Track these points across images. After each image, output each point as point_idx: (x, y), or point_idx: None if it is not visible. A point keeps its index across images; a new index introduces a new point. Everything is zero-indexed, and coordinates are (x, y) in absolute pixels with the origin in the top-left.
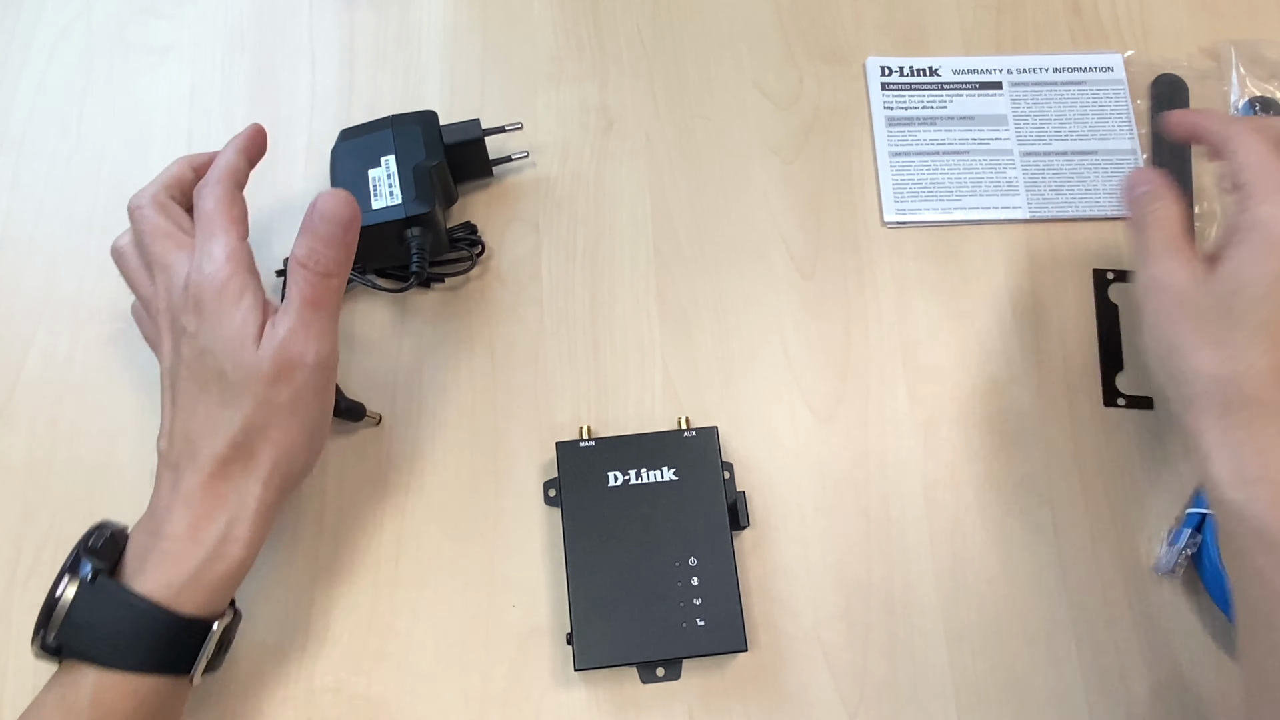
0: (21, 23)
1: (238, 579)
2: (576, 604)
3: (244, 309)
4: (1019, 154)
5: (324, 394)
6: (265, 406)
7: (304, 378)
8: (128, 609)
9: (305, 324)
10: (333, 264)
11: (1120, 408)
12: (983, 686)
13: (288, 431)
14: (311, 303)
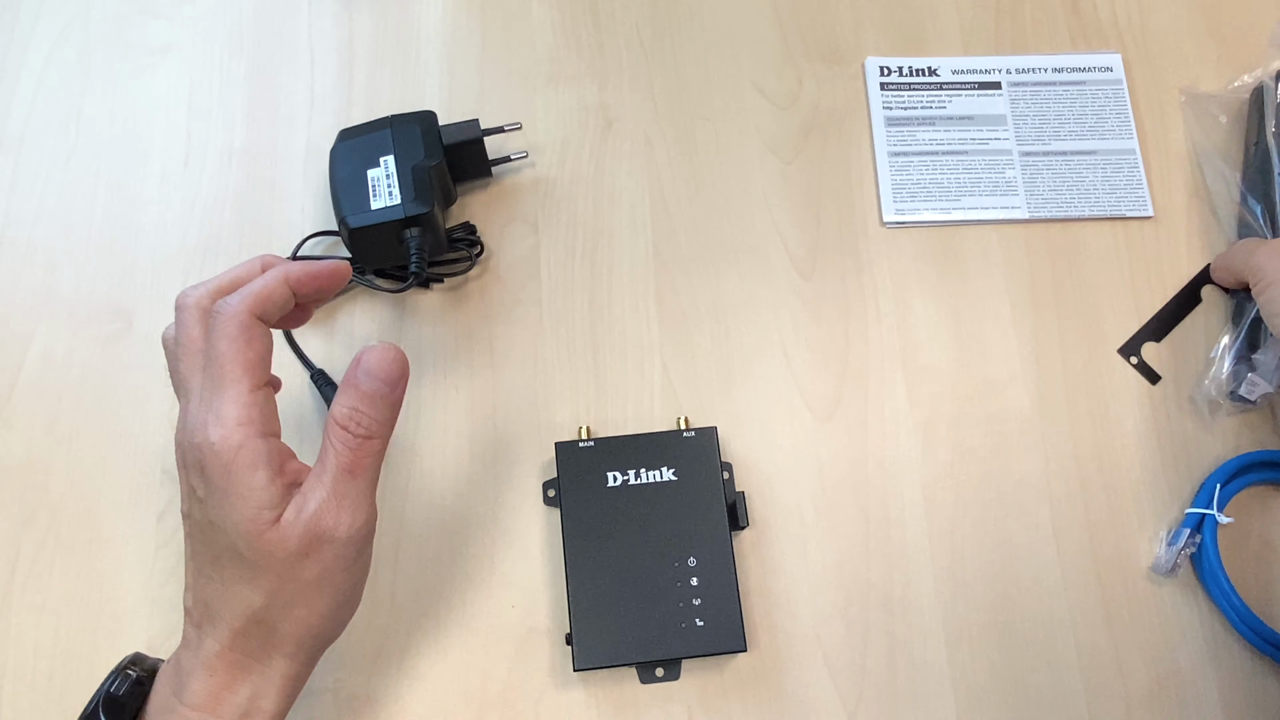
0: (20, 23)
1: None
2: (576, 604)
3: (258, 487)
4: (1018, 154)
5: (356, 565)
6: (290, 585)
7: (334, 553)
8: None
9: (340, 495)
10: (375, 425)
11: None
12: (982, 686)
13: (314, 609)
14: (349, 470)
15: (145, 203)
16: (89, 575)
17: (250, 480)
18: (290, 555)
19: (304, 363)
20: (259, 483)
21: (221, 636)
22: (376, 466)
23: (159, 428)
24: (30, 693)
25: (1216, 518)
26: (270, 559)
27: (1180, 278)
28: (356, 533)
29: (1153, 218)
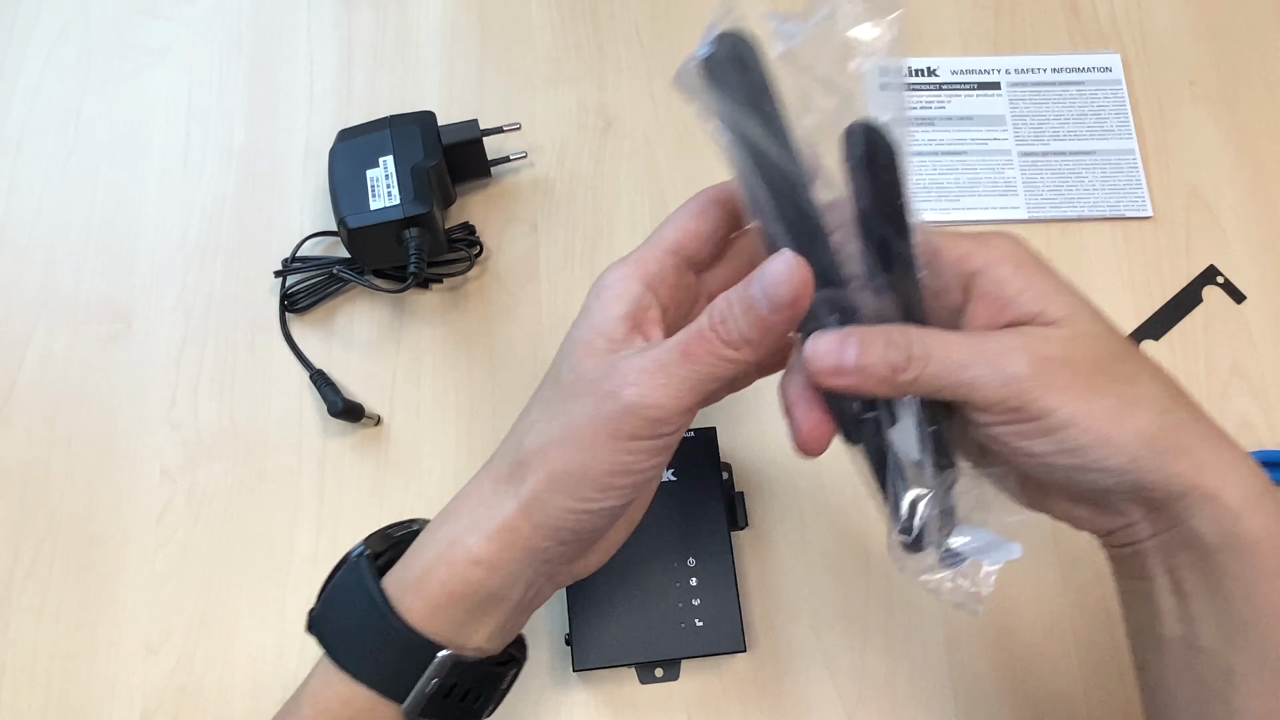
0: (19, 23)
1: (471, 600)
2: (575, 605)
3: (611, 316)
4: (1017, 154)
5: (625, 452)
6: (563, 415)
7: (610, 412)
8: (363, 594)
9: (658, 365)
10: (738, 339)
11: None
12: (982, 687)
13: (568, 460)
14: (684, 352)
15: (145, 203)
16: (89, 575)
17: (607, 309)
18: (581, 385)
19: (303, 363)
20: (613, 312)
21: (488, 465)
22: (712, 374)
23: (159, 428)
24: (30, 693)
25: None
26: (571, 387)
27: (1180, 278)
28: (642, 409)
29: (1152, 218)
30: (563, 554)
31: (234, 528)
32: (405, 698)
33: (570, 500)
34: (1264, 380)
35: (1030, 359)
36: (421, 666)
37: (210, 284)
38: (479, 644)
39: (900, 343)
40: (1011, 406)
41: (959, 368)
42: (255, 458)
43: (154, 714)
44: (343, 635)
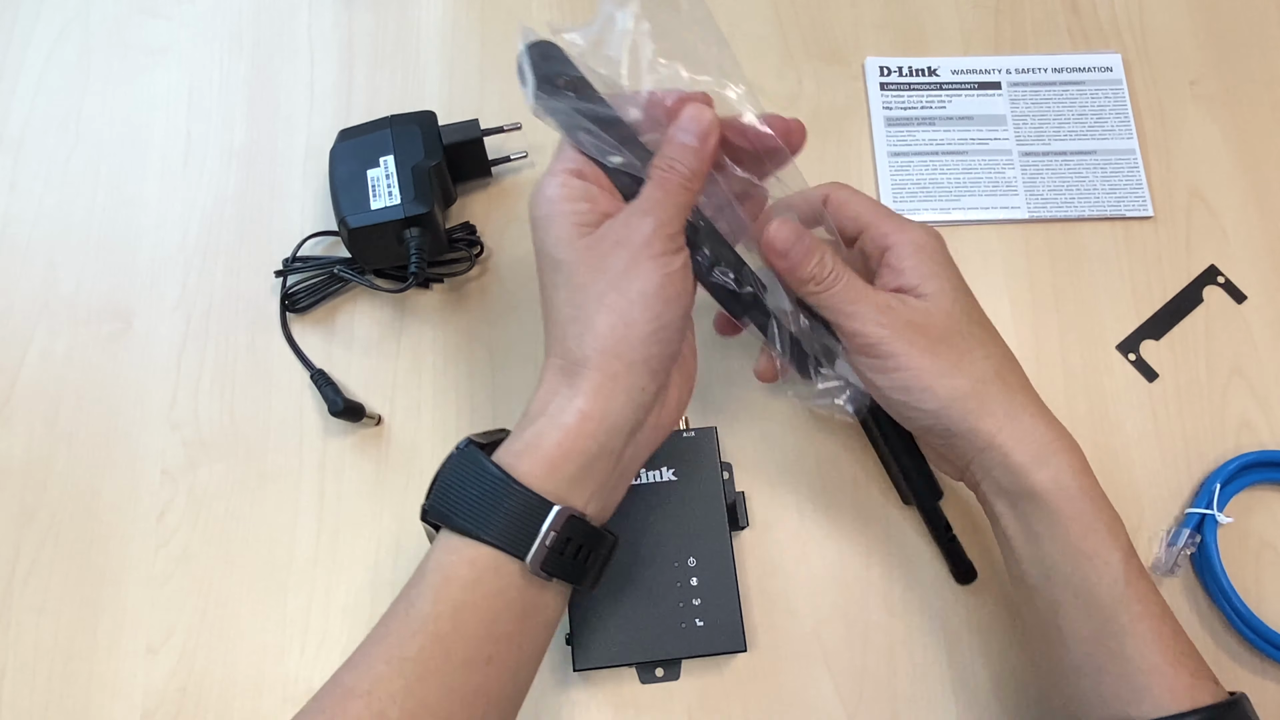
0: (20, 23)
1: (583, 455)
2: (575, 604)
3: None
4: (1018, 154)
5: (664, 269)
6: (601, 276)
7: (639, 243)
8: (478, 471)
9: (649, 202)
10: (687, 171)
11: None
12: (982, 686)
13: (623, 296)
14: (660, 186)
15: (145, 202)
16: (89, 575)
17: (570, 206)
18: (603, 246)
19: (304, 363)
20: (578, 208)
21: (553, 350)
22: (684, 200)
23: (159, 427)
24: (30, 693)
25: (1216, 518)
26: (586, 254)
27: (1180, 277)
28: (659, 230)
29: (1152, 217)
30: (655, 389)
31: (234, 527)
32: (526, 553)
33: (646, 322)
34: (1264, 380)
35: (892, 316)
36: (539, 522)
37: (211, 284)
38: (584, 505)
39: (828, 262)
40: (868, 343)
41: (850, 301)
42: (255, 458)
43: (154, 714)
44: (463, 507)
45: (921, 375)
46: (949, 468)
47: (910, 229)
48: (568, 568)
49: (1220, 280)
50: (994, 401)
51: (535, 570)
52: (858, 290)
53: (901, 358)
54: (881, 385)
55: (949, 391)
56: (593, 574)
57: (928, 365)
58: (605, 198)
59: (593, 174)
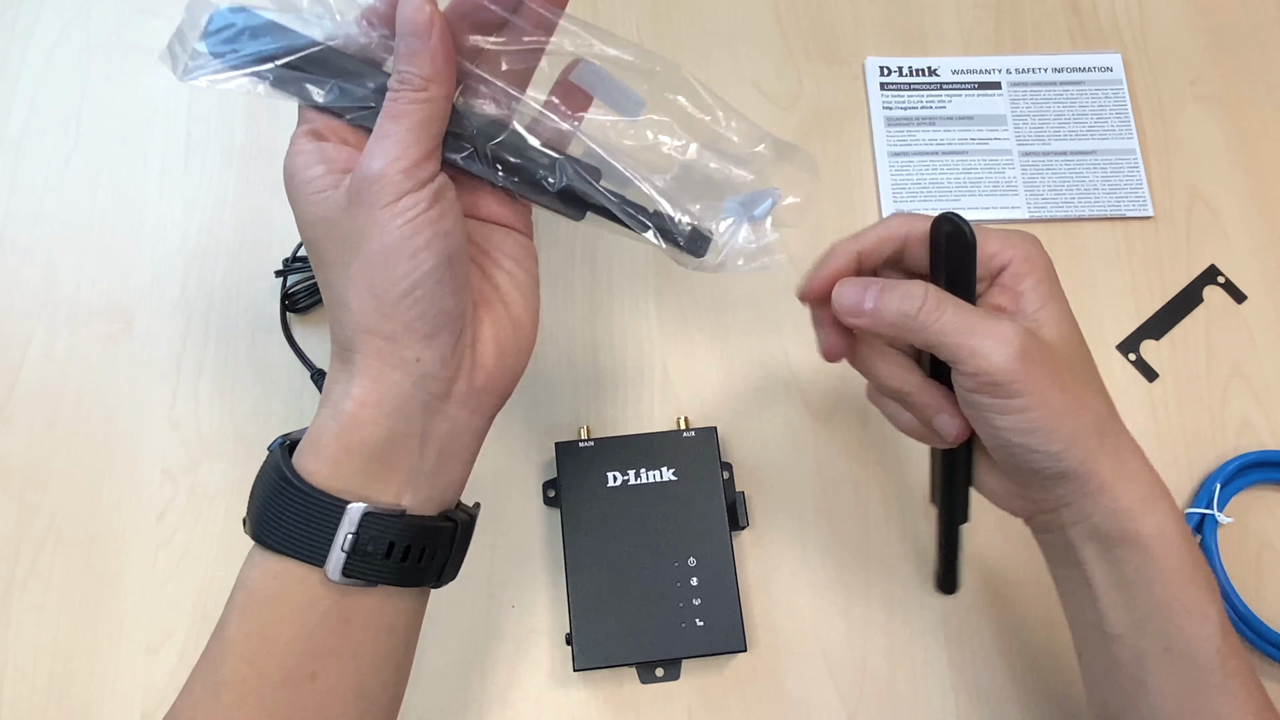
0: (20, 23)
1: (367, 445)
2: (575, 604)
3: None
4: (1018, 154)
5: (404, 212)
6: (342, 244)
7: (371, 193)
8: (273, 473)
9: (379, 137)
10: (417, 79)
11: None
12: (982, 686)
13: (364, 261)
14: (390, 116)
15: (145, 203)
16: (89, 575)
17: (305, 175)
18: (337, 211)
19: (304, 363)
20: (313, 175)
21: (332, 337)
22: (425, 115)
23: (159, 427)
24: (30, 693)
25: (1216, 518)
26: (326, 225)
27: (1180, 278)
28: (391, 168)
29: (1153, 218)
30: (435, 357)
31: (234, 528)
32: (324, 561)
33: (392, 284)
34: (1264, 380)
35: (1019, 346)
36: (331, 525)
37: (211, 284)
38: (394, 497)
39: (916, 295)
40: (995, 380)
41: (962, 332)
42: (256, 457)
43: (154, 714)
44: (261, 514)
45: (1050, 414)
46: (1022, 505)
47: (1019, 242)
48: (390, 570)
49: (1220, 280)
50: (1110, 442)
51: (338, 579)
52: (971, 319)
53: (1034, 396)
54: (1003, 426)
55: (1073, 431)
56: (433, 569)
57: (1057, 403)
58: (346, 154)
59: (331, 129)
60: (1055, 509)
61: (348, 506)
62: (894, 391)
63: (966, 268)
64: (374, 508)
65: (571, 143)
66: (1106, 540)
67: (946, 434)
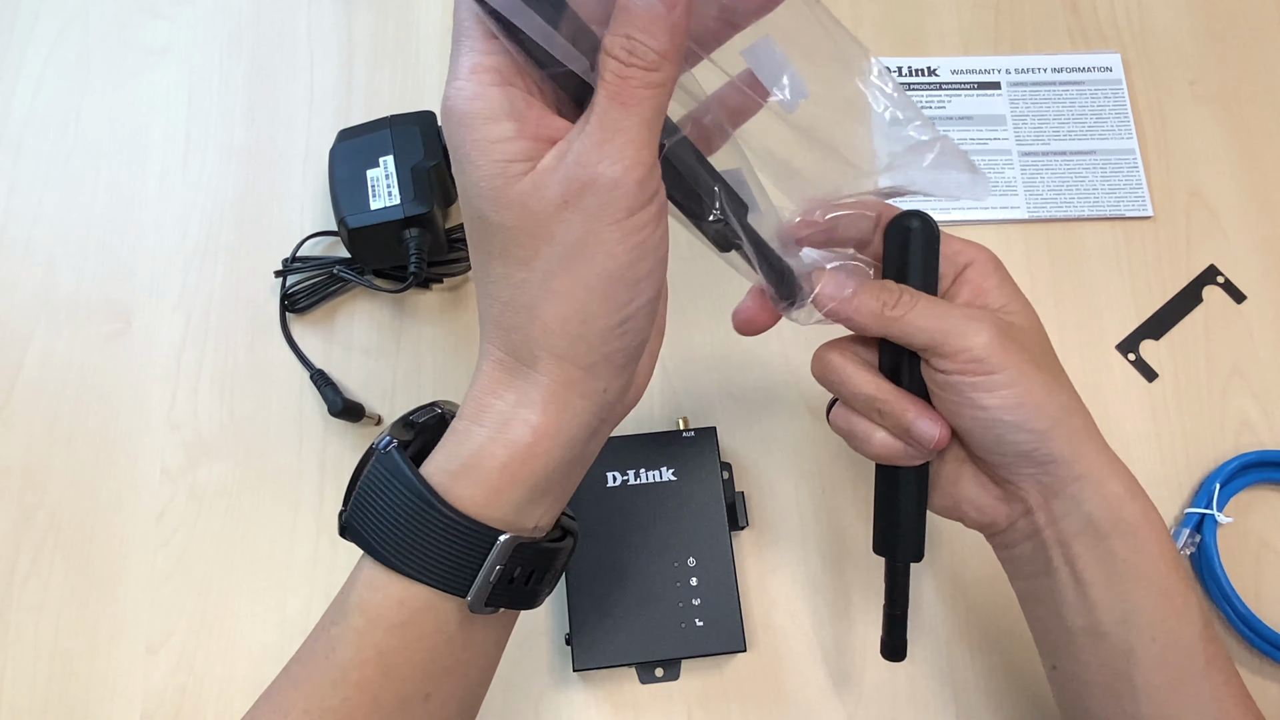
0: (19, 23)
1: (534, 476)
2: (575, 604)
3: (501, 139)
4: (1017, 154)
5: (635, 230)
6: (548, 247)
7: (600, 203)
8: (404, 488)
9: (607, 131)
10: (652, 56)
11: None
12: (982, 687)
13: (580, 280)
14: (620, 101)
15: (145, 203)
16: (89, 575)
17: (490, 132)
18: (548, 207)
19: (304, 363)
20: (501, 134)
21: (489, 335)
22: (657, 106)
23: (159, 427)
24: (30, 693)
25: (1216, 518)
26: (524, 216)
27: (1180, 278)
28: (627, 177)
29: (1152, 217)
30: (620, 386)
31: (234, 528)
32: (467, 590)
33: (607, 323)
34: (1264, 380)
35: (996, 328)
36: (482, 556)
37: (210, 284)
38: (535, 524)
39: (892, 289)
40: (975, 357)
41: (939, 318)
42: (255, 458)
43: (154, 714)
44: (388, 534)
45: (1034, 390)
46: (1002, 510)
47: (981, 247)
48: (518, 595)
49: (1220, 280)
50: (1086, 426)
51: (479, 609)
52: (944, 308)
53: (1013, 370)
54: (990, 405)
55: (1059, 408)
56: (546, 591)
57: (1038, 379)
58: (537, 111)
59: (513, 72)
60: (1036, 509)
61: (500, 538)
62: (867, 400)
63: (931, 262)
64: (524, 537)
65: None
66: (1099, 530)
67: (927, 439)
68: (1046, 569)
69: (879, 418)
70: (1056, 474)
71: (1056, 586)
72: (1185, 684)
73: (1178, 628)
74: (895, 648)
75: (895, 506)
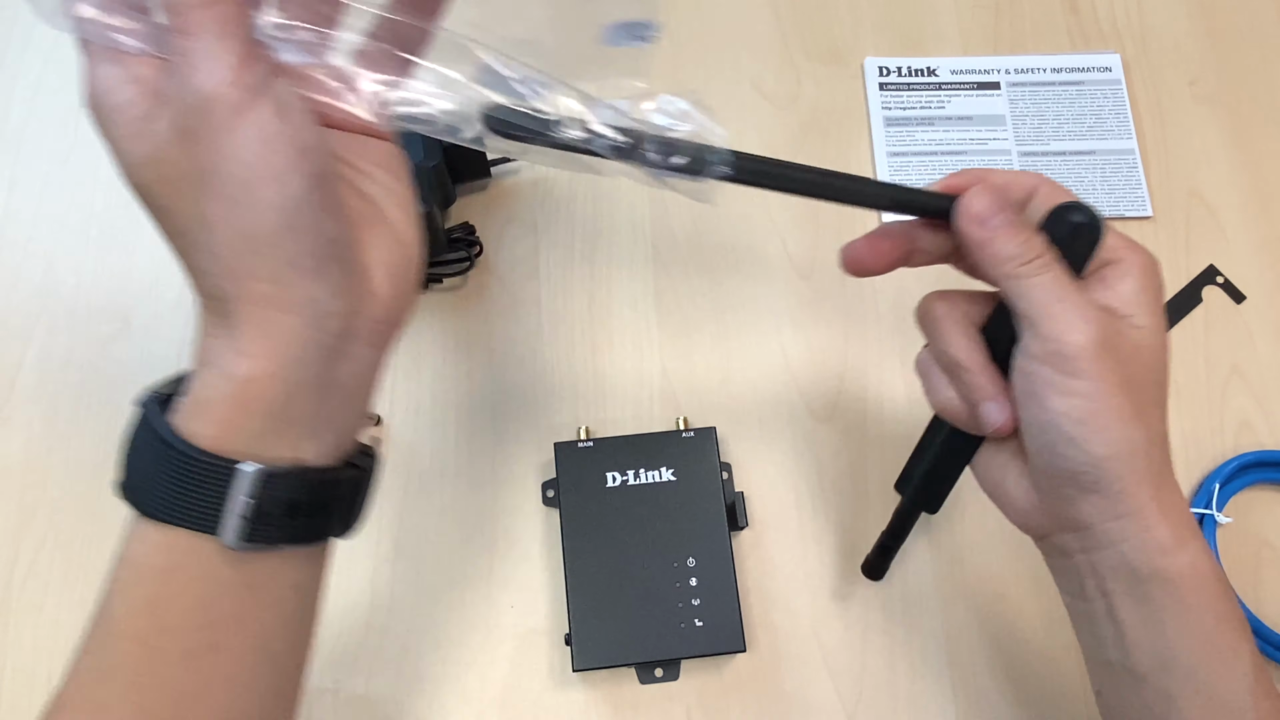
0: (19, 22)
1: (266, 403)
2: (575, 604)
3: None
4: (1017, 154)
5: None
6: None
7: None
8: (151, 435)
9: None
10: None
11: None
12: (981, 686)
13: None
14: (184, 32)
15: None
16: (89, 575)
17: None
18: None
19: None
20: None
21: (195, 291)
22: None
23: None
24: (30, 693)
25: (1216, 518)
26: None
27: (1179, 278)
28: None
29: (1152, 218)
30: (329, 292)
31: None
32: (217, 529)
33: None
34: (1264, 380)
35: (1100, 334)
36: (223, 490)
37: None
38: (294, 451)
39: (1036, 246)
40: (1062, 353)
41: (1054, 298)
42: None
43: None
44: (141, 481)
45: (1106, 412)
46: (1042, 521)
47: (1141, 250)
48: (295, 528)
49: (1219, 280)
50: (1154, 466)
51: (238, 545)
52: (1067, 288)
53: (1095, 381)
54: (1055, 410)
55: (1125, 440)
56: (338, 520)
57: (1115, 403)
58: (158, 68)
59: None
60: (1077, 530)
61: (237, 468)
62: (952, 363)
63: (1082, 262)
64: (271, 467)
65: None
66: (1135, 574)
67: (990, 422)
68: (1081, 594)
69: (956, 381)
70: (1098, 506)
71: (1094, 615)
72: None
73: (1225, 682)
74: (877, 569)
75: (934, 457)
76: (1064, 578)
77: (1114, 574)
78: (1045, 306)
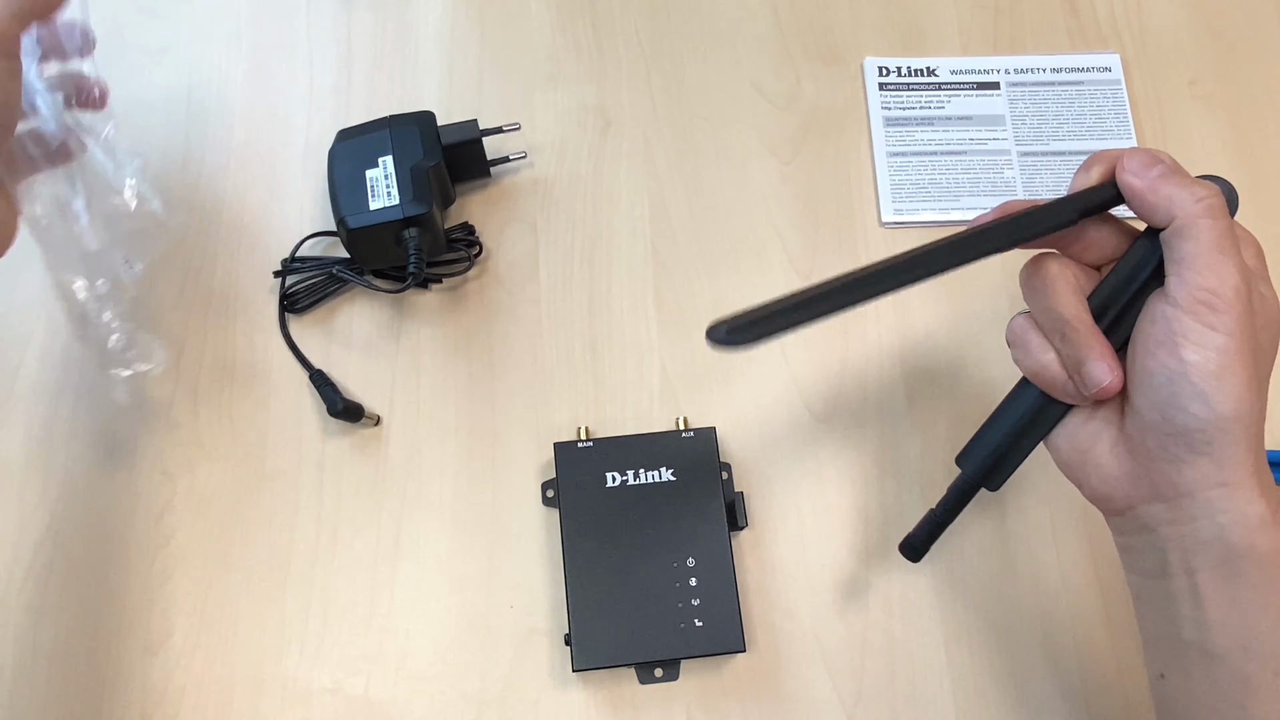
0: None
1: None
2: (574, 604)
3: None
4: (1017, 154)
5: None
6: None
7: None
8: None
9: None
10: None
11: None
12: (981, 686)
13: None
14: None
15: None
16: (88, 575)
17: None
18: None
19: (303, 363)
20: None
21: None
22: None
23: (158, 427)
24: (30, 692)
25: None
26: None
27: None
28: None
29: None
30: None
31: (234, 528)
32: None
33: None
34: None
35: (1248, 290)
36: None
37: (209, 284)
38: None
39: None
40: (1212, 299)
41: (1217, 250)
42: (254, 458)
43: (153, 714)
44: None
45: (1236, 369)
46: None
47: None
48: None
49: None
50: (1259, 438)
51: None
52: (1229, 238)
53: (1233, 338)
54: (1189, 360)
55: (1246, 404)
56: None
57: (1245, 362)
58: None
59: None
60: (1172, 499)
61: None
62: (1058, 319)
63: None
64: None
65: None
66: (1229, 549)
67: (1095, 380)
68: (1162, 571)
69: (1059, 340)
70: (1204, 470)
71: (1172, 593)
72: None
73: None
74: (917, 549)
75: (1012, 426)
76: (1140, 555)
77: (1205, 548)
78: (1206, 253)
